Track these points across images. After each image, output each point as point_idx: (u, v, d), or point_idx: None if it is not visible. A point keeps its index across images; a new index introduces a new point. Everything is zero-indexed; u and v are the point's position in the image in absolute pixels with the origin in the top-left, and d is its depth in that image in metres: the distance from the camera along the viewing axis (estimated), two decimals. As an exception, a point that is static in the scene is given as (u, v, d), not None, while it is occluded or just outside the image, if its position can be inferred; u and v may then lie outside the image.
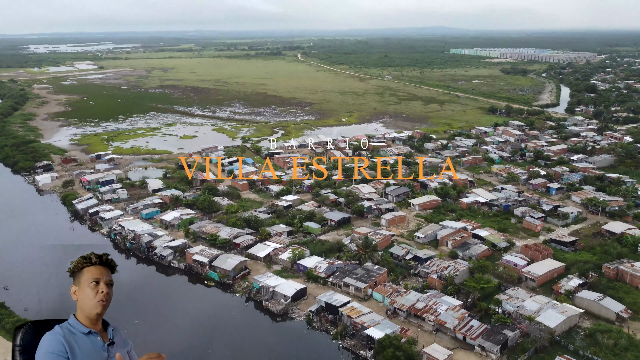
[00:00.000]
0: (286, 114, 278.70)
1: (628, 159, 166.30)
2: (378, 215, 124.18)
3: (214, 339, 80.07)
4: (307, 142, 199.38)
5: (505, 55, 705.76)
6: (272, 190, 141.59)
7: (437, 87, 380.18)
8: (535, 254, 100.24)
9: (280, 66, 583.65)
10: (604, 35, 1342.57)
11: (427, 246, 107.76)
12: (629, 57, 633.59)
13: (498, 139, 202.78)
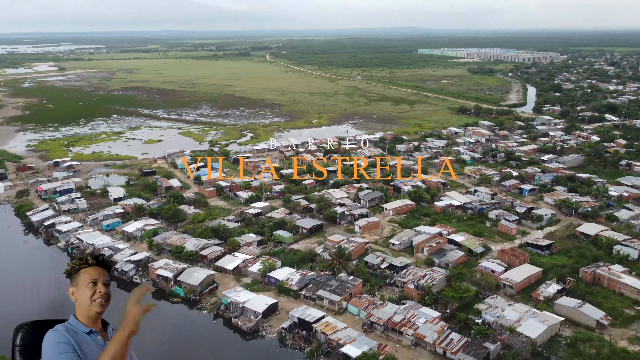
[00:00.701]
0: (255, 116, 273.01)
1: (597, 159, 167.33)
2: (351, 221, 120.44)
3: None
4: (277, 145, 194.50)
5: (471, 55, 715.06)
6: (241, 196, 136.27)
7: (406, 87, 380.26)
8: (512, 259, 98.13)
9: (249, 67, 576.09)
10: (566, 35, 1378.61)
11: (403, 253, 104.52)
12: (589, 57, 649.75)
13: (469, 140, 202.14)
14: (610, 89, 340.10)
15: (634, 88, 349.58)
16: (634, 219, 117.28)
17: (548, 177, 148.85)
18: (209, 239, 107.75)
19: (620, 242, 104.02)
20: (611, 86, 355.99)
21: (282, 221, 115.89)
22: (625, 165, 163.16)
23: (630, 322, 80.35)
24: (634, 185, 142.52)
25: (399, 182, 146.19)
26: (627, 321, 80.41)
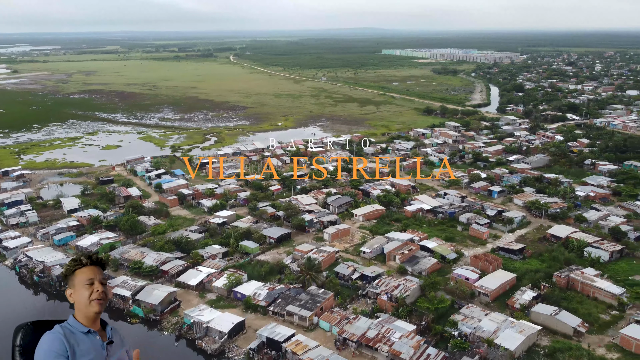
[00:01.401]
0: (219, 119, 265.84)
1: (562, 159, 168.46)
2: (320, 228, 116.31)
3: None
4: (242, 149, 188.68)
5: (435, 55, 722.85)
6: (204, 205, 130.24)
7: (372, 88, 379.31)
8: (486, 265, 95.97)
9: (212, 68, 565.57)
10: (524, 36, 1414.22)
11: (374, 262, 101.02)
12: (548, 57, 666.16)
13: (436, 141, 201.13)
14: (570, 89, 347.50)
15: (591, 87, 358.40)
16: (602, 220, 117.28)
17: (516, 178, 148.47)
18: (170, 252, 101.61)
19: (590, 244, 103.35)
20: (570, 85, 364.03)
21: (248, 231, 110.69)
22: (590, 164, 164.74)
23: (607, 328, 78.96)
24: (599, 185, 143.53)
25: (367, 186, 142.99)
26: (603, 327, 79.00)
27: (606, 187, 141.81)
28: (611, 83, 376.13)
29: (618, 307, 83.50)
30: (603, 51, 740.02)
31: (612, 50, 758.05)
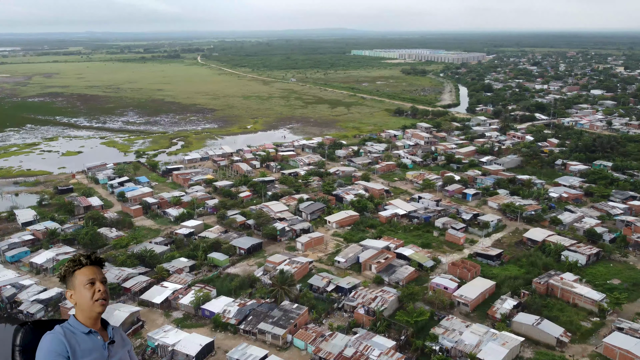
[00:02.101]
0: (186, 123, 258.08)
1: (534, 159, 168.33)
2: (293, 237, 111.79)
3: None
4: (209, 154, 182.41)
5: (403, 56, 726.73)
6: (170, 214, 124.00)
7: (342, 89, 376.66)
8: (464, 272, 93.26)
9: (179, 70, 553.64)
10: (489, 36, 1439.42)
11: (350, 271, 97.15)
12: (513, 57, 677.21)
13: (408, 143, 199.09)
14: (537, 88, 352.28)
15: (557, 87, 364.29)
16: (577, 222, 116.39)
17: (490, 180, 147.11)
18: (133, 267, 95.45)
19: (567, 248, 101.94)
20: (537, 85, 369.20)
21: (216, 242, 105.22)
22: (561, 165, 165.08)
23: (589, 336, 77.00)
24: (571, 186, 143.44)
25: (340, 191, 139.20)
26: (585, 336, 76.98)
27: (578, 188, 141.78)
28: (576, 83, 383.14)
29: (599, 314, 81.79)
30: (566, 51, 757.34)
31: (575, 50, 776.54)
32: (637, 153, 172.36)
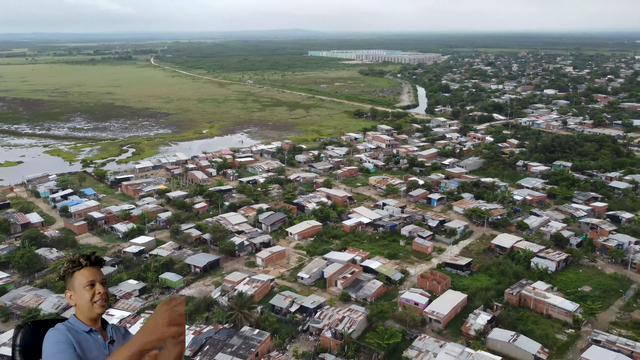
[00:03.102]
0: (138, 128, 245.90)
1: (495, 161, 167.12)
2: (252, 252, 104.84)
3: None
4: (162, 162, 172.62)
5: (360, 56, 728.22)
6: (119, 230, 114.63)
7: (300, 90, 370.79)
8: (434, 285, 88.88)
9: (131, 72, 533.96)
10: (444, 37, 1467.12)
11: (314, 288, 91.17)
12: (468, 57, 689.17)
13: (369, 146, 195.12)
14: (493, 88, 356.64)
15: (512, 87, 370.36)
16: (543, 226, 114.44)
17: (454, 184, 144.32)
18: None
19: (536, 254, 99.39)
20: (493, 85, 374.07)
21: (169, 260, 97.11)
22: (522, 166, 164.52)
23: (565, 350, 73.78)
24: (534, 188, 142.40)
25: (302, 199, 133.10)
26: (562, 350, 73.72)
27: (541, 190, 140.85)
28: (529, 82, 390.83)
29: (573, 325, 78.89)
30: (517, 51, 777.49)
31: (525, 50, 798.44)
32: (594, 153, 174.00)
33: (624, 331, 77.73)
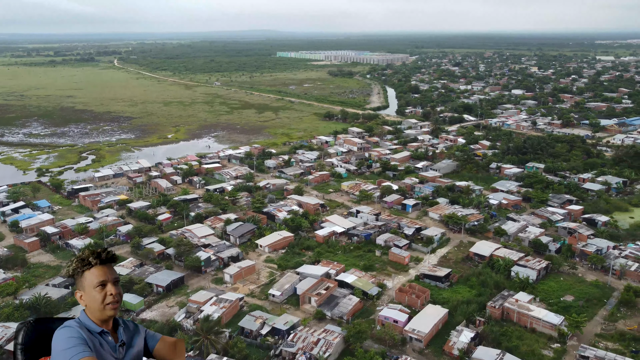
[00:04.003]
0: (99, 133, 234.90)
1: (469, 163, 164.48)
2: (220, 267, 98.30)
3: None
4: (124, 170, 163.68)
5: (329, 57, 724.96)
6: (74, 246, 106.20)
7: (269, 92, 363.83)
8: (413, 299, 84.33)
9: (93, 74, 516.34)
10: (411, 37, 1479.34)
11: (286, 306, 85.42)
12: (435, 57, 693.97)
13: (341, 149, 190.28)
14: (462, 89, 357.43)
15: (480, 87, 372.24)
16: (521, 232, 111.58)
17: (428, 189, 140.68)
18: (23, 320, 78.03)
19: (516, 263, 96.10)
20: (461, 86, 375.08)
21: (129, 280, 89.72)
22: (496, 168, 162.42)
23: (552, 368, 70.17)
24: (509, 191, 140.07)
25: (272, 207, 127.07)
26: (549, 367, 70.06)
27: (516, 193, 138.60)
28: (496, 83, 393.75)
29: (559, 339, 75.47)
30: (483, 52, 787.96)
31: (491, 51, 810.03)
32: (565, 154, 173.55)
33: (610, 344, 74.75)
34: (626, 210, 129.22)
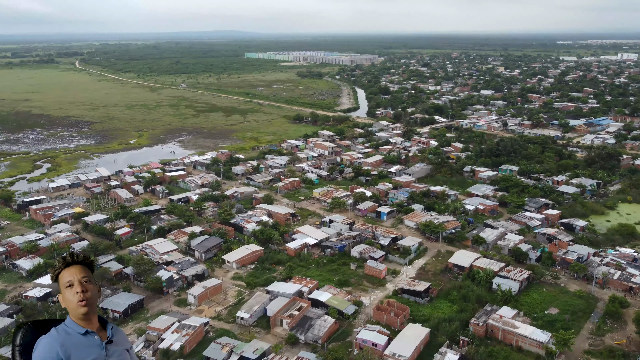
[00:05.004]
0: (56, 139, 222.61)
1: (443, 167, 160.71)
2: (183, 287, 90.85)
3: None
4: (81, 179, 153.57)
5: (298, 58, 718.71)
6: (21, 267, 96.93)
7: (237, 94, 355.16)
8: (392, 318, 78.89)
9: (53, 76, 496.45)
10: (379, 38, 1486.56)
11: (256, 330, 78.75)
12: (403, 58, 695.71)
13: (312, 154, 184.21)
14: (431, 89, 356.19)
15: (449, 88, 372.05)
16: (500, 240, 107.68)
17: (403, 195, 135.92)
18: (-43, 357, 69.33)
19: (497, 274, 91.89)
20: (431, 87, 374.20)
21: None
22: (470, 172, 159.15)
23: (542, 391, 65.71)
24: (485, 195, 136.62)
25: (240, 218, 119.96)
26: (539, 391, 65.59)
27: (492, 198, 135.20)
28: (465, 83, 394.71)
29: (547, 358, 71.14)
30: (450, 52, 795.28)
31: (458, 51, 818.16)
32: (538, 155, 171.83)
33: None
34: (602, 214, 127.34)
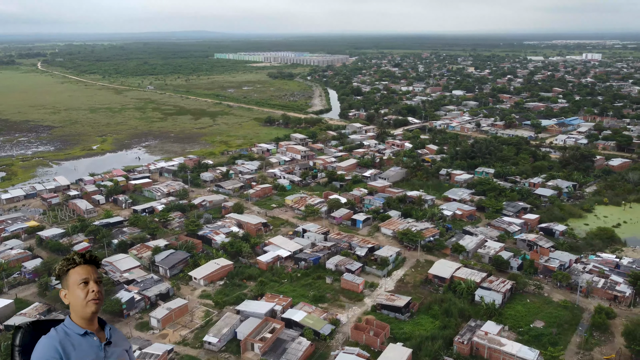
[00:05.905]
0: (12, 146, 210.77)
1: (418, 171, 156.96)
2: (146, 308, 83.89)
3: None
4: (37, 189, 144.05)
5: (269, 59, 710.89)
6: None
7: (206, 96, 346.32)
8: (371, 338, 73.86)
9: (12, 78, 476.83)
10: (350, 38, 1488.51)
11: (225, 355, 72.59)
12: (375, 58, 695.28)
13: (284, 158, 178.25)
14: (403, 90, 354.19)
15: (421, 88, 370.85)
16: (480, 247, 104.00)
17: (379, 201, 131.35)
18: None
19: (480, 285, 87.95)
20: (403, 87, 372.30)
21: (31, 334, 73.65)
22: (446, 175, 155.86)
23: (533, 415, 61.59)
24: (462, 200, 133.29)
25: (208, 230, 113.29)
26: (530, 416, 61.43)
27: (469, 202, 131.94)
28: (437, 84, 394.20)
29: (535, 377, 67.19)
30: (420, 52, 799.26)
31: (428, 51, 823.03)
32: (513, 157, 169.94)
33: (590, 379, 67.33)
34: (580, 217, 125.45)
